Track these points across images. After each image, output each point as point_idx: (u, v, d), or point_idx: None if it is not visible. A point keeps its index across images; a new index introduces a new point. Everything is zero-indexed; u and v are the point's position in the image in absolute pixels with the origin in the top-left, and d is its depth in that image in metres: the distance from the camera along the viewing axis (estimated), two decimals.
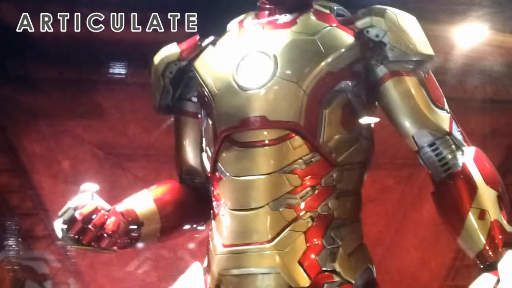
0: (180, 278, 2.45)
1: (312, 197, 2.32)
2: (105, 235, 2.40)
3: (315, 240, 2.28)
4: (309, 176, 2.32)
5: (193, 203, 2.72)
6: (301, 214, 2.30)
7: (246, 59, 2.44)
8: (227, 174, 2.41)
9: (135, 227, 2.56)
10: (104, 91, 4.25)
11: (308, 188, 2.32)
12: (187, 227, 2.82)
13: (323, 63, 2.36)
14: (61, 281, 4.65)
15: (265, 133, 2.34)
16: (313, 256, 2.27)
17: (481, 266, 2.22)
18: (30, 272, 4.68)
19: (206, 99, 2.52)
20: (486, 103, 5.00)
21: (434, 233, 4.52)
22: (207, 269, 2.46)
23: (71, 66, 4.32)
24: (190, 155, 2.78)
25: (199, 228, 2.82)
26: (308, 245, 2.27)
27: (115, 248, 2.57)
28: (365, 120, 2.46)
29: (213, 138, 2.48)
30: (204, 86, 2.52)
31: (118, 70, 4.21)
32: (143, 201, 2.67)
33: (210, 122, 2.51)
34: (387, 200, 4.83)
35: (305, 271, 2.25)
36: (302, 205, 2.30)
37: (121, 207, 2.58)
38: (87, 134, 4.64)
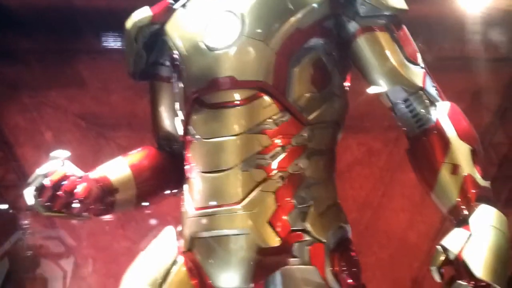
0: (153, 242, 2.43)
1: (283, 156, 2.29)
2: (76, 201, 2.40)
3: (285, 200, 2.26)
4: (279, 136, 2.30)
5: (170, 168, 2.70)
6: (271, 174, 2.27)
7: (214, 19, 2.40)
8: (197, 136, 2.39)
9: (109, 193, 2.55)
10: (85, 60, 4.21)
11: (279, 148, 2.29)
12: (165, 193, 2.80)
13: (291, 20, 2.32)
14: (48, 252, 4.68)
15: (234, 93, 2.32)
16: (283, 216, 2.25)
17: (455, 222, 2.20)
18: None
19: (177, 61, 2.50)
20: (475, 62, 4.94)
21: (422, 195, 4.50)
22: (181, 233, 2.45)
23: (52, 37, 4.27)
24: (167, 121, 2.76)
25: (179, 194, 2.81)
26: (278, 205, 2.25)
27: (89, 214, 2.57)
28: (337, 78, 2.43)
29: (184, 101, 2.47)
30: (174, 48, 2.50)
31: (99, 39, 4.16)
32: (118, 167, 2.66)
33: (181, 85, 2.49)
34: (374, 163, 4.82)
35: (275, 231, 2.23)
36: (273, 165, 2.28)
37: (95, 173, 2.57)
38: (69, 104, 4.61)
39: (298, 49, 2.33)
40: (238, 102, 2.31)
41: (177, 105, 2.57)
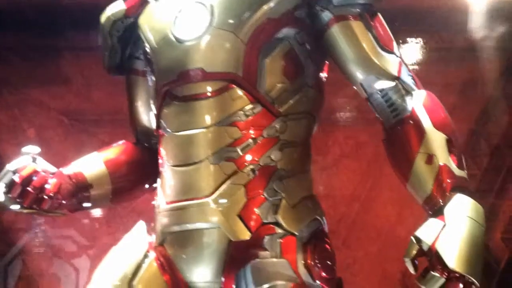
0: (125, 237, 2.40)
1: (254, 149, 2.26)
2: (46, 197, 2.37)
3: (256, 192, 2.23)
4: (251, 128, 2.26)
5: (148, 163, 2.67)
6: (242, 167, 2.24)
7: (184, 11, 2.37)
8: (168, 130, 2.37)
9: (83, 189, 2.53)
10: (68, 57, 4.17)
11: (250, 140, 2.26)
12: (144, 188, 2.77)
13: (262, 10, 2.28)
14: (30, 250, 4.66)
15: (204, 85, 2.28)
16: (254, 209, 2.21)
17: (430, 212, 2.16)
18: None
19: (148, 55, 2.47)
20: (465, 52, 4.90)
21: None
22: (153, 228, 2.42)
23: (34, 33, 4.24)
24: (144, 115, 2.73)
25: None
26: (248, 198, 2.22)
27: (63, 211, 2.55)
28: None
29: (156, 94, 2.44)
30: (145, 41, 2.47)
31: (82, 35, 4.11)
32: (93, 163, 2.64)
33: (153, 78, 2.46)
34: (362, 156, 4.77)
35: (245, 224, 2.19)
36: (243, 158, 2.24)
37: (68, 169, 2.57)
38: (52, 101, 4.57)
39: (269, 39, 2.29)
40: (208, 94, 2.27)
41: (151, 99, 2.52)
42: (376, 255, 4.71)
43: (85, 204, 2.59)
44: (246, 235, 2.18)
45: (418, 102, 2.28)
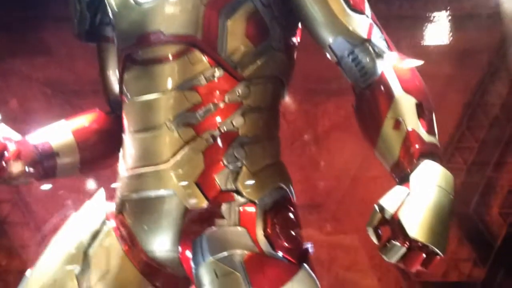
0: (84, 204, 2.34)
1: (214, 114, 2.18)
2: (4, 164, 2.32)
3: (214, 159, 2.15)
4: (212, 93, 2.18)
5: (119, 132, 2.60)
6: (200, 132, 2.16)
7: None
8: (129, 95, 2.31)
9: (49, 157, 2.48)
10: (50, 27, 4.10)
11: (210, 105, 2.17)
12: (116, 157, 2.71)
13: None
14: (14, 221, 4.65)
15: (163, 49, 2.21)
16: (212, 176, 2.13)
17: (397, 180, 2.06)
18: None
19: (111, 19, 2.41)
20: (464, 18, 4.73)
21: None
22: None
23: (14, 4, 4.16)
24: (115, 84, 2.64)
25: None
26: (206, 164, 2.14)
27: (28, 179, 2.50)
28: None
29: (118, 59, 2.37)
30: (108, 5, 2.40)
31: (63, 5, 4.03)
32: (59, 131, 2.58)
33: (116, 43, 2.39)
34: (353, 128, 4.63)
35: (202, 191, 2.12)
36: (203, 123, 2.16)
37: (33, 137, 2.51)
38: (34, 72, 4.51)
39: (230, 0, 2.19)
40: (166, 58, 2.19)
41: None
42: (366, 230, 4.62)
43: (51, 173, 2.54)
44: (202, 203, 2.11)
45: (388, 64, 2.17)
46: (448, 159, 5.22)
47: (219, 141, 2.16)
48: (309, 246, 2.20)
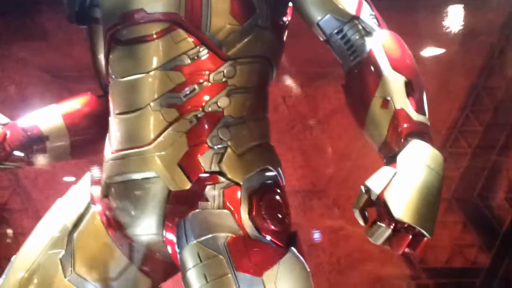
0: (71, 188, 2.31)
1: (198, 95, 2.12)
2: None
3: (198, 140, 2.10)
4: (196, 73, 2.12)
5: None
6: (184, 113, 2.11)
7: None
8: (113, 76, 2.26)
9: (38, 141, 2.46)
10: (47, 11, 4.07)
11: (194, 86, 2.12)
12: None
13: None
14: (13, 208, 4.66)
15: (146, 28, 2.15)
16: (195, 157, 2.08)
17: (384, 160, 2.01)
18: None
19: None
20: (464, 1, 4.62)
21: None
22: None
23: None
24: None
25: None
26: (190, 146, 2.09)
27: (18, 163, 2.48)
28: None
29: (104, 40, 2.33)
30: None
31: None
32: (50, 115, 2.55)
33: (102, 24, 2.35)
34: None
35: (185, 173, 2.07)
36: (186, 104, 2.11)
37: (22, 121, 2.49)
38: (32, 57, 4.49)
39: None
40: (148, 37, 2.14)
41: None
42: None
43: (42, 158, 2.52)
44: (185, 185, 2.07)
45: (377, 42, 2.10)
46: (452, 143, 5.15)
47: (203, 122, 2.11)
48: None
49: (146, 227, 2.14)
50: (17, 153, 2.43)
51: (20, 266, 2.17)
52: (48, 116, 2.54)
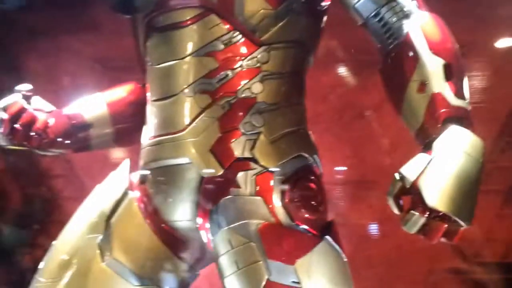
0: (110, 175, 2.35)
1: (231, 80, 2.12)
2: (33, 133, 2.36)
3: (231, 126, 2.09)
4: (229, 58, 2.12)
5: None
6: (217, 99, 2.11)
7: None
8: (150, 63, 2.29)
9: (82, 129, 2.50)
10: (98, 3, 4.15)
11: (227, 71, 2.12)
12: None
13: None
14: (67, 196, 4.78)
15: (181, 14, 2.17)
16: (228, 144, 2.08)
17: (422, 147, 1.94)
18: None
19: None
20: None
21: None
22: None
23: None
24: None
25: None
26: (222, 132, 2.09)
27: (63, 150, 2.54)
28: None
29: (142, 29, 2.35)
30: None
31: None
32: (94, 103, 2.60)
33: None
34: None
35: (217, 159, 2.07)
36: (219, 90, 2.11)
37: (67, 109, 2.55)
38: (84, 48, 4.59)
39: None
40: (185, 23, 2.15)
41: None
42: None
43: (86, 144, 2.58)
44: (218, 171, 2.06)
45: (415, 24, 2.03)
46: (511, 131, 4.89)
47: (236, 108, 2.10)
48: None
49: (181, 213, 2.15)
50: (61, 140, 2.49)
51: (60, 249, 2.22)
52: (92, 104, 2.59)
